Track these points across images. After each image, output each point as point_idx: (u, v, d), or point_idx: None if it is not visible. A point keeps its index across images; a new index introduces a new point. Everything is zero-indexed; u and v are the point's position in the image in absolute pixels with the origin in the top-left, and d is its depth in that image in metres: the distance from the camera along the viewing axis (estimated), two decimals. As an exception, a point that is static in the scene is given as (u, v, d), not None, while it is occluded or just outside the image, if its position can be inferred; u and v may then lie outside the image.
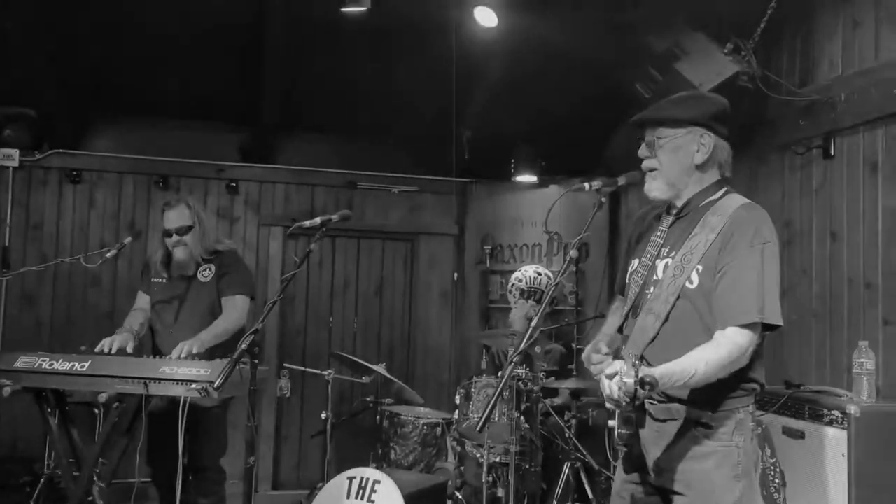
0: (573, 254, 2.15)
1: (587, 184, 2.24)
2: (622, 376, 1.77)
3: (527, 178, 5.71)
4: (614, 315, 2.44)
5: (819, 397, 3.04)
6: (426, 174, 6.11)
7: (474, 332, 5.84)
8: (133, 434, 3.24)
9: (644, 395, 1.77)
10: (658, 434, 2.11)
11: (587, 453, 4.30)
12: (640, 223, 2.40)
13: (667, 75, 3.88)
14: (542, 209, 5.72)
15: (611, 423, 2.02)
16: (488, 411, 1.95)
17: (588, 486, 4.24)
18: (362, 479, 3.57)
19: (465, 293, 6.05)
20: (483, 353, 5.09)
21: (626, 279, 2.29)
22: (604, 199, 2.23)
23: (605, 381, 1.85)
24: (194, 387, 2.90)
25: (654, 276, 2.16)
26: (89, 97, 5.34)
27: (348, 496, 3.52)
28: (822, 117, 3.61)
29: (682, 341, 2.01)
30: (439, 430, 4.45)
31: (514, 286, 5.30)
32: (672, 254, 2.14)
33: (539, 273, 5.25)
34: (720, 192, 2.18)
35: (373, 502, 3.45)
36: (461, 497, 4.11)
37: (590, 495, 4.21)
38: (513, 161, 5.70)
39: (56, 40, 4.80)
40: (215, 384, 2.58)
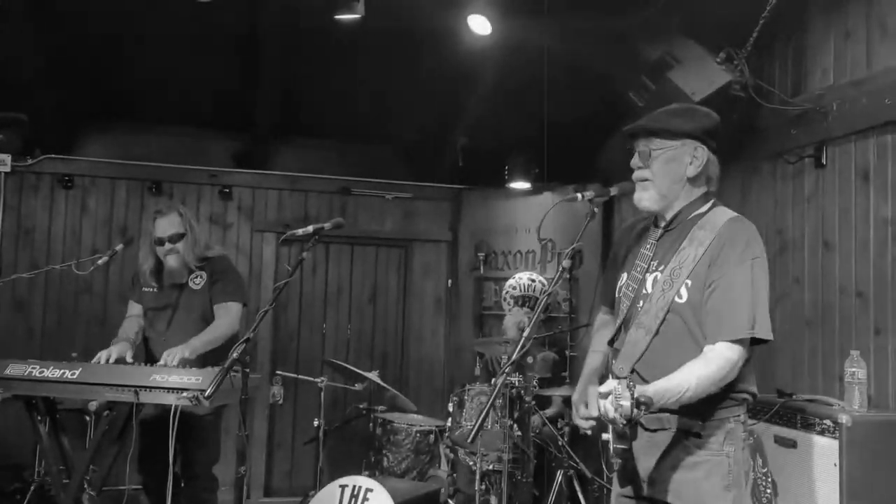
0: (566, 264, 2.15)
1: (579, 194, 2.24)
2: (617, 398, 1.74)
3: (520, 185, 5.70)
4: (601, 331, 2.44)
5: (811, 406, 3.04)
6: (420, 181, 6.12)
7: (468, 339, 5.84)
8: (124, 441, 3.23)
9: (640, 415, 1.76)
10: (649, 444, 2.11)
11: (580, 461, 4.29)
12: (626, 235, 2.40)
13: (659, 84, 3.89)
14: (535, 216, 5.73)
15: (605, 436, 2.02)
16: (479, 423, 1.94)
17: (581, 494, 4.23)
18: (355, 488, 3.57)
19: (458, 300, 6.05)
20: (476, 360, 5.08)
21: (616, 293, 2.29)
22: (596, 209, 2.23)
23: (602, 403, 1.83)
24: (185, 395, 2.89)
25: (644, 290, 2.16)
26: (82, 102, 5.34)
27: (340, 504, 3.51)
28: (814, 127, 3.62)
29: (672, 355, 2.02)
30: (432, 437, 4.43)
31: (508, 293, 5.30)
32: (661, 268, 2.15)
33: (533, 280, 5.24)
34: (707, 206, 2.19)
35: (365, 511, 3.44)
36: (454, 505, 4.10)
37: (583, 503, 4.20)
38: (506, 168, 5.69)
39: (49, 45, 4.79)
40: (206, 393, 2.57)
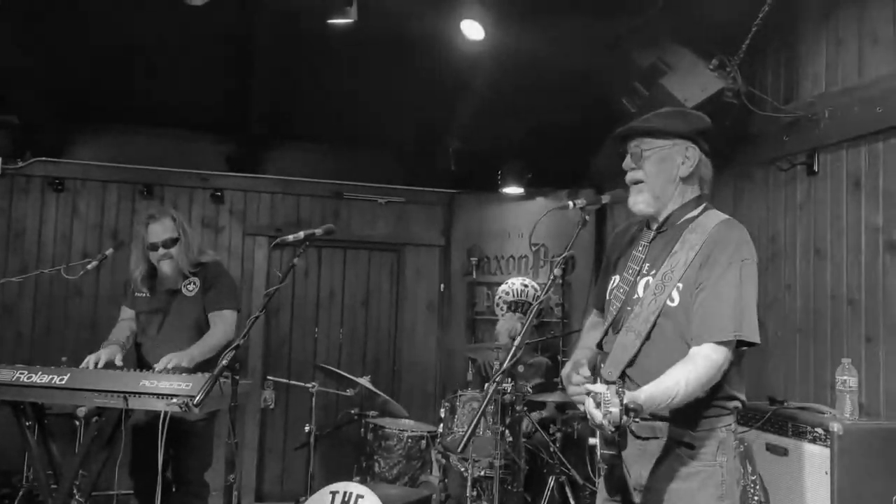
0: (557, 272, 2.14)
1: (571, 202, 2.23)
2: (606, 404, 1.71)
3: (513, 189, 5.71)
4: (591, 331, 2.43)
5: (802, 414, 3.04)
6: (413, 185, 6.11)
7: (460, 344, 5.82)
8: (113, 447, 3.20)
9: (629, 422, 1.74)
10: (640, 452, 2.09)
11: (572, 467, 4.28)
12: (619, 239, 2.40)
13: (652, 90, 3.90)
14: (528, 221, 5.73)
15: (592, 440, 2.00)
16: (470, 432, 1.93)
17: (572, 500, 4.22)
18: (345, 494, 3.55)
19: (451, 304, 6.04)
20: (469, 365, 5.07)
21: (607, 295, 2.28)
22: (588, 217, 2.23)
23: (590, 407, 1.79)
24: (175, 401, 2.87)
25: (635, 294, 2.16)
26: (73, 105, 5.30)
27: (331, 511, 3.49)
28: (806, 134, 3.63)
29: (663, 360, 2.00)
30: (424, 443, 4.41)
31: (501, 298, 5.30)
32: (652, 272, 2.14)
33: (526, 285, 5.25)
34: (699, 209, 2.19)
35: (356, 517, 3.42)
36: (445, 511, 4.09)
37: (574, 509, 4.19)
38: (499, 173, 5.70)
39: (39, 47, 4.76)
40: (195, 400, 2.55)
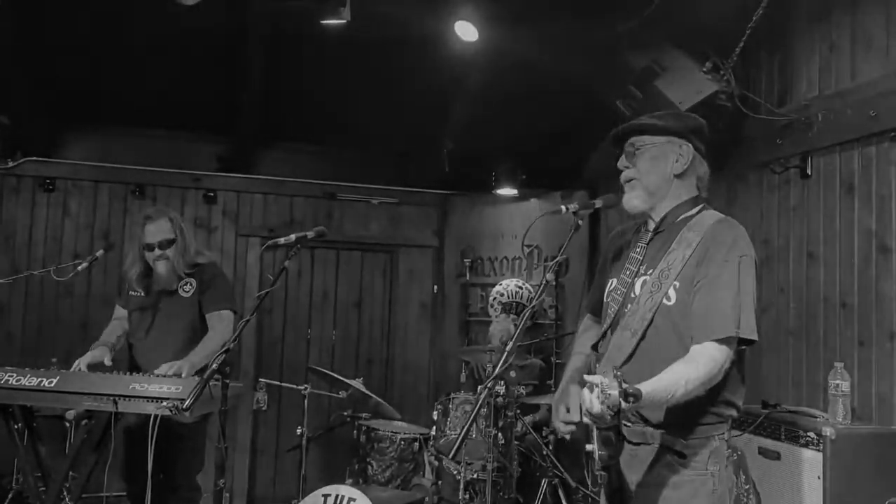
0: (549, 277, 2.13)
1: (564, 206, 2.22)
2: (604, 388, 1.67)
3: (507, 191, 5.70)
4: (584, 335, 2.42)
5: (795, 418, 3.04)
6: (406, 186, 6.09)
7: (453, 346, 5.81)
8: (103, 450, 3.18)
9: (629, 407, 1.69)
10: (631, 458, 2.07)
11: (565, 470, 4.28)
12: (616, 241, 2.38)
13: (646, 92, 3.90)
14: (522, 222, 5.73)
15: (588, 447, 1.96)
16: (462, 437, 1.91)
17: (565, 503, 4.22)
18: (337, 497, 3.53)
19: (444, 306, 6.02)
20: (462, 367, 5.06)
21: (605, 297, 2.27)
22: (581, 221, 2.22)
23: (586, 396, 1.75)
24: (165, 405, 2.85)
25: (632, 293, 2.14)
26: (64, 104, 5.27)
27: (323, 514, 3.47)
28: (800, 137, 3.63)
29: (658, 358, 1.98)
30: (417, 445, 4.40)
31: (495, 300, 5.29)
32: (649, 271, 2.13)
33: (520, 287, 5.24)
34: (697, 209, 2.19)
35: (348, 521, 3.41)
36: (438, 514, 4.07)
37: (567, 512, 4.19)
38: (493, 174, 5.69)
39: (30, 46, 4.73)
40: (185, 405, 2.53)
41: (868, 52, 3.35)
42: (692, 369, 1.91)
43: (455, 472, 3.99)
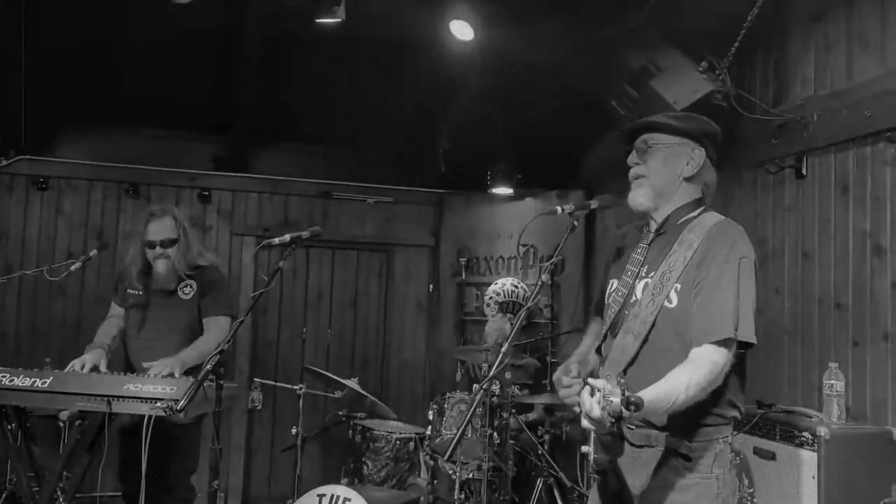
0: (545, 278, 2.12)
1: (559, 207, 2.22)
2: (606, 395, 1.65)
3: (503, 190, 5.70)
4: (588, 337, 2.41)
5: (790, 418, 3.04)
6: (402, 185, 6.08)
7: (449, 345, 5.81)
8: (97, 450, 3.16)
9: (630, 416, 1.68)
10: (634, 461, 2.06)
11: (560, 469, 4.28)
12: (618, 243, 2.37)
13: (642, 92, 3.89)
14: (517, 221, 5.72)
15: (584, 448, 1.95)
16: (457, 438, 1.91)
17: (560, 502, 4.22)
18: (332, 497, 3.52)
19: (440, 305, 6.02)
20: (458, 366, 5.05)
21: (606, 299, 2.25)
22: (576, 222, 2.21)
23: (587, 399, 1.73)
24: (159, 405, 2.83)
25: (633, 296, 2.13)
26: (58, 102, 5.24)
27: (318, 514, 3.47)
28: (795, 137, 3.63)
29: (662, 362, 1.97)
30: (412, 444, 4.40)
31: (492, 299, 5.29)
32: (651, 273, 2.12)
33: (516, 286, 5.24)
34: (698, 210, 2.17)
35: (343, 521, 3.40)
36: (433, 513, 4.07)
37: (562, 511, 4.19)
38: (489, 173, 5.69)
39: (24, 44, 4.70)
40: (179, 406, 2.52)
41: (863, 52, 3.35)
42: (693, 374, 1.90)
43: (450, 471, 3.99)
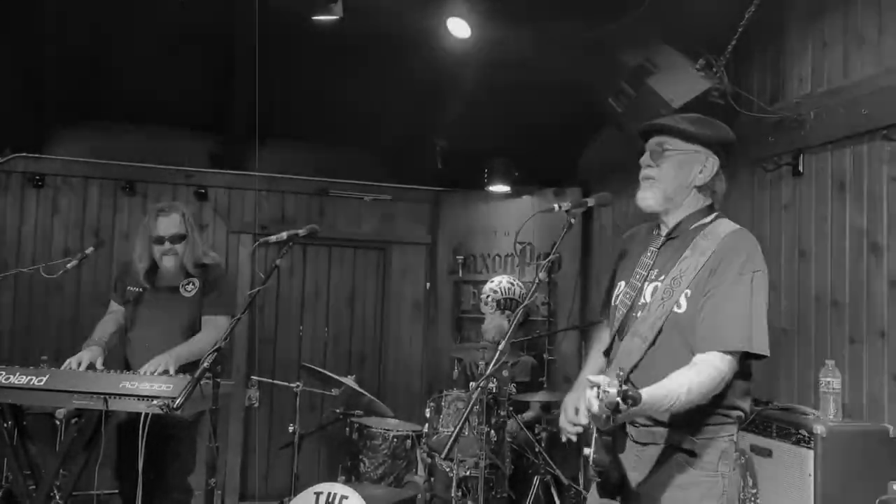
0: (542, 276, 2.12)
1: (556, 205, 2.22)
2: (604, 387, 1.66)
3: (500, 188, 5.69)
4: (599, 342, 2.38)
5: (787, 415, 3.05)
6: (399, 183, 6.08)
7: (446, 343, 5.81)
8: (93, 448, 3.15)
9: (626, 410, 1.68)
10: (638, 458, 2.06)
11: (557, 467, 4.28)
12: (627, 245, 2.36)
13: (639, 90, 3.89)
14: (515, 219, 5.73)
15: (586, 450, 1.95)
16: (454, 436, 1.91)
17: (558, 500, 4.22)
18: (329, 495, 3.52)
19: (437, 303, 6.02)
20: (455, 364, 5.05)
21: (613, 301, 2.24)
22: (573, 220, 2.21)
23: (588, 394, 1.73)
24: (156, 403, 2.83)
25: (642, 299, 2.12)
26: (54, 100, 5.23)
27: (315, 512, 3.46)
28: (792, 135, 3.64)
29: (668, 366, 1.96)
30: (409, 442, 4.40)
31: (489, 296, 5.27)
32: (661, 277, 2.11)
33: (513, 283, 5.23)
34: (711, 217, 2.16)
35: (340, 519, 3.40)
36: (430, 511, 4.07)
37: (559, 509, 4.19)
38: (486, 171, 5.68)
39: (20, 42, 4.69)
40: (175, 403, 2.51)
41: (860, 50, 3.35)
42: (694, 377, 1.90)
43: (447, 469, 3.99)
